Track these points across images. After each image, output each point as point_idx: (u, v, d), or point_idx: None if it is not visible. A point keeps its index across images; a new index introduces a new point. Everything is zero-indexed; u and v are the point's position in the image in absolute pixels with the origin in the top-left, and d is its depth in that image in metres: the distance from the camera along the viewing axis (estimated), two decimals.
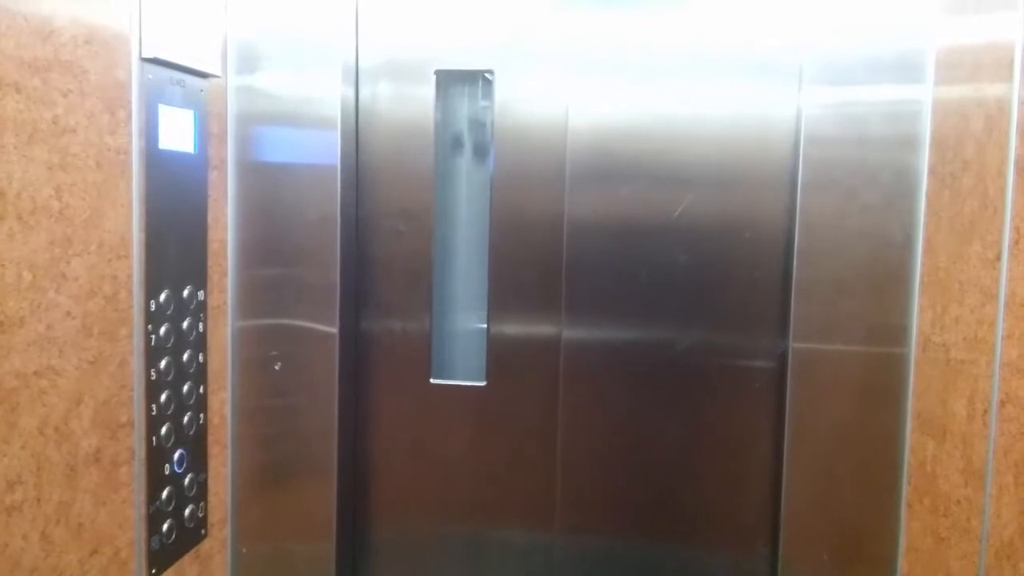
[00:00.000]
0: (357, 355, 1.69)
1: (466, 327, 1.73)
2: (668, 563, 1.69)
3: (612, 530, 1.69)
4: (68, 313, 1.16)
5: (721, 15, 1.55)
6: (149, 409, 1.35)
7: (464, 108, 1.70)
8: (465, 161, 1.71)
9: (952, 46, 1.39)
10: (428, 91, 1.62)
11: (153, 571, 1.38)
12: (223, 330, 1.58)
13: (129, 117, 1.27)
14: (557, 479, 1.68)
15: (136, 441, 1.33)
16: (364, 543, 1.75)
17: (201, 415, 1.50)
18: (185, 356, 1.44)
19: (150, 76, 1.31)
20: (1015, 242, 1.17)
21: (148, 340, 1.34)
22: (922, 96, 1.46)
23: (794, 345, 1.53)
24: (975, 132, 1.29)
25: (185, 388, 1.44)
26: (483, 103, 1.67)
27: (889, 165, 1.48)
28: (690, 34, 1.56)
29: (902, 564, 1.51)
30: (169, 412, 1.40)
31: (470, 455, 1.70)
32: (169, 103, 1.36)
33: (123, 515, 1.30)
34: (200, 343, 1.48)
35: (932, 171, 1.44)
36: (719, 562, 1.67)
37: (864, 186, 1.49)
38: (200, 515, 1.51)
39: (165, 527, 1.41)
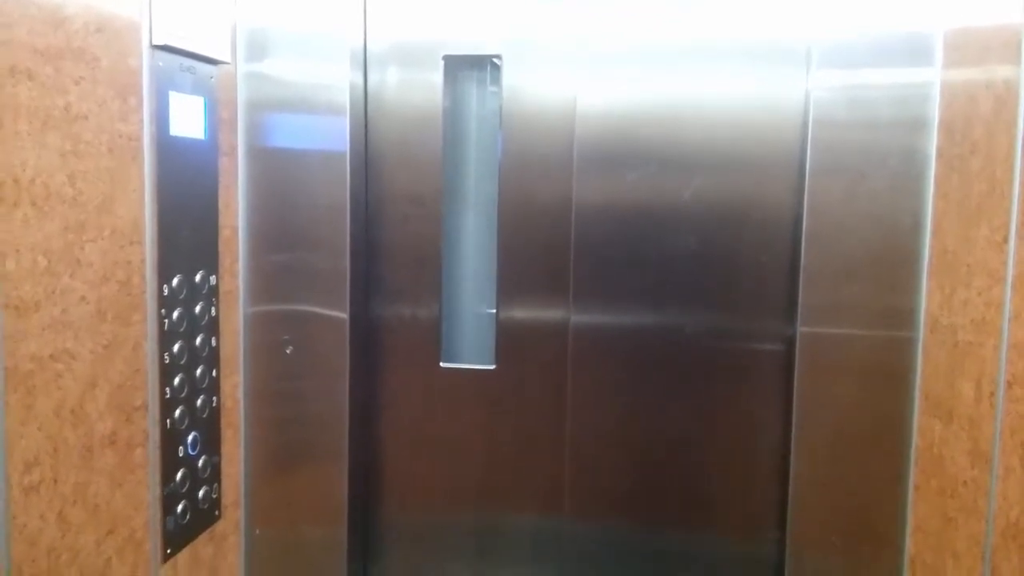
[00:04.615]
0: (368, 340, 1.71)
1: (476, 311, 1.75)
2: (677, 545, 1.70)
3: (621, 512, 1.71)
4: (83, 298, 1.18)
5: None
6: (163, 392, 1.37)
7: (473, 94, 1.71)
8: (474, 147, 1.72)
9: (961, 28, 1.39)
10: (436, 77, 1.63)
11: (168, 551, 1.40)
12: (235, 315, 1.59)
13: (140, 104, 1.28)
14: (566, 462, 1.69)
15: (150, 423, 1.35)
16: (375, 526, 1.76)
17: (214, 398, 1.52)
18: (198, 340, 1.46)
19: (160, 63, 1.32)
20: (1023, 224, 1.17)
21: (161, 324, 1.36)
22: (931, 79, 1.45)
23: (802, 329, 1.54)
24: (983, 115, 1.29)
25: (198, 372, 1.46)
26: (491, 89, 1.68)
27: (897, 148, 1.48)
28: (698, 18, 1.56)
29: (909, 545, 1.52)
30: (183, 395, 1.42)
31: (480, 438, 1.72)
32: (179, 90, 1.37)
33: (138, 496, 1.33)
34: (212, 327, 1.50)
35: (940, 154, 1.44)
36: (728, 544, 1.68)
37: (872, 169, 1.49)
38: (214, 497, 1.54)
39: (180, 508, 1.43)
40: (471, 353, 1.74)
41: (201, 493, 1.49)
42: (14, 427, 1.07)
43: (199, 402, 1.47)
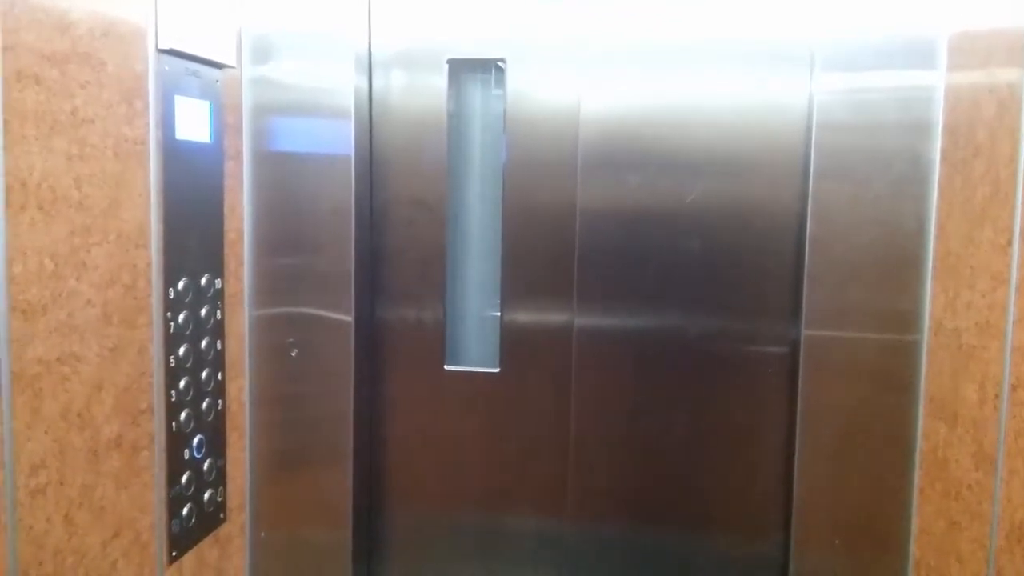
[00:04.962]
0: (372, 343, 1.71)
1: (480, 314, 1.75)
2: (681, 548, 1.70)
3: (624, 515, 1.71)
4: (89, 301, 1.19)
5: (733, 3, 1.55)
6: (168, 395, 1.37)
7: (477, 97, 1.71)
8: (478, 150, 1.72)
9: (964, 32, 1.39)
10: (440, 80, 1.63)
11: (173, 554, 1.41)
12: (240, 318, 1.60)
13: (146, 108, 1.29)
14: (570, 464, 1.69)
15: (156, 427, 1.35)
16: (380, 528, 1.77)
17: (219, 401, 1.52)
18: (203, 343, 1.46)
19: (166, 67, 1.33)
20: None
21: (167, 328, 1.36)
22: (934, 82, 1.46)
23: (806, 332, 1.54)
24: (987, 118, 1.29)
25: (203, 375, 1.47)
26: (496, 92, 1.68)
27: (901, 151, 1.48)
28: (702, 22, 1.57)
29: (914, 548, 1.52)
30: (188, 398, 1.42)
31: (484, 441, 1.72)
32: (185, 94, 1.37)
33: (144, 499, 1.33)
34: (218, 331, 1.51)
35: (944, 157, 1.44)
36: (732, 547, 1.68)
37: (876, 173, 1.49)
38: (219, 499, 1.54)
39: (185, 511, 1.43)
40: (475, 356, 1.75)
41: (206, 496, 1.50)
42: (21, 430, 1.08)
43: (204, 405, 1.47)
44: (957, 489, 1.35)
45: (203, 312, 1.46)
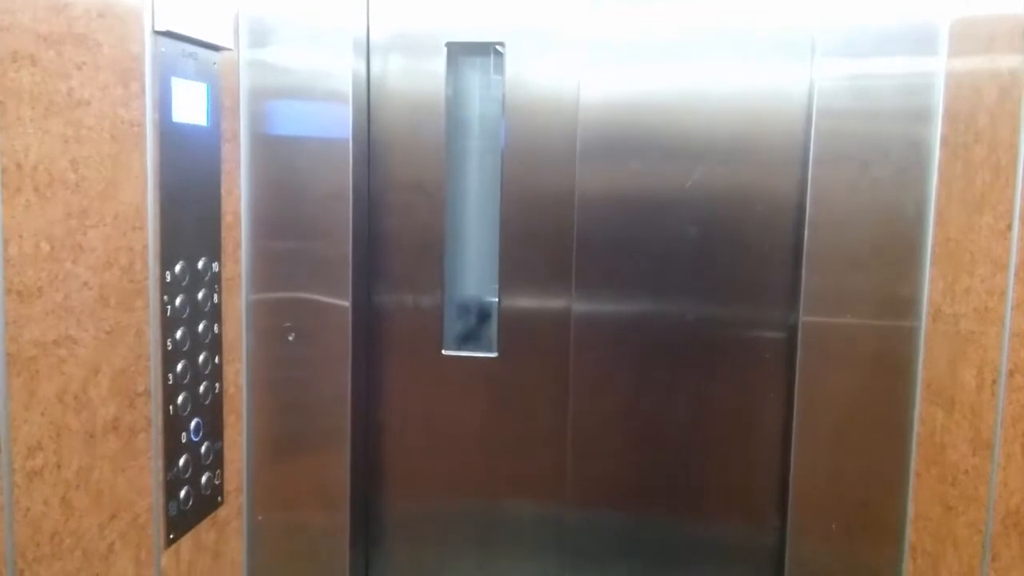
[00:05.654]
0: (370, 327, 1.71)
1: (478, 300, 1.75)
2: (678, 533, 1.71)
3: (622, 501, 1.71)
4: (85, 283, 1.18)
5: None
6: (165, 378, 1.37)
7: (475, 81, 1.70)
8: (476, 134, 1.72)
9: (966, 17, 1.38)
10: (439, 64, 1.63)
11: (171, 536, 1.41)
12: (237, 301, 1.60)
13: (142, 90, 1.28)
14: (568, 450, 1.70)
15: (153, 409, 1.35)
16: (377, 512, 1.77)
17: (216, 385, 1.52)
18: (200, 327, 1.46)
19: (163, 49, 1.32)
20: None
21: (164, 311, 1.36)
22: (935, 68, 1.45)
23: (804, 318, 1.54)
24: (988, 104, 1.29)
25: (201, 358, 1.46)
26: (495, 76, 1.67)
27: (901, 137, 1.47)
28: (703, 7, 1.56)
29: (910, 532, 1.52)
30: (185, 381, 1.42)
31: (482, 426, 1.72)
32: (182, 76, 1.37)
33: (141, 481, 1.33)
34: (215, 314, 1.50)
35: (944, 143, 1.44)
36: (729, 531, 1.69)
37: (876, 158, 1.48)
38: (216, 483, 1.54)
39: (182, 494, 1.44)
40: (473, 341, 1.75)
41: (204, 479, 1.50)
42: (17, 412, 1.07)
43: (201, 388, 1.47)
44: (954, 474, 1.35)
45: (200, 295, 1.45)
